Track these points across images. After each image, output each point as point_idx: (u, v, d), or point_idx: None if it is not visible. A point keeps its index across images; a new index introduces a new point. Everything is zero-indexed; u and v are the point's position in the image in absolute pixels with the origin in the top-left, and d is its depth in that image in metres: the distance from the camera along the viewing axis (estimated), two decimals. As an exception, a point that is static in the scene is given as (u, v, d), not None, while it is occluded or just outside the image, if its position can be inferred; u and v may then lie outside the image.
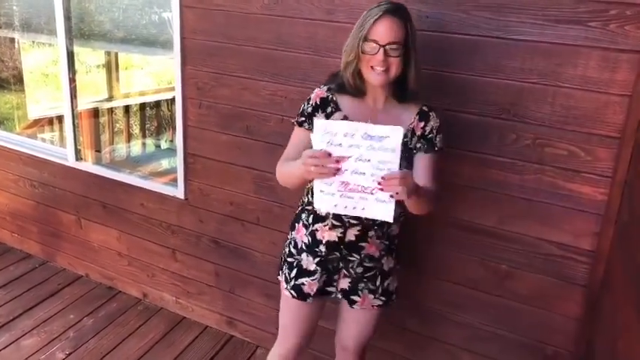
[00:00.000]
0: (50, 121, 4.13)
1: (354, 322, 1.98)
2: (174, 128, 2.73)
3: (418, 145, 1.74)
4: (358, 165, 1.48)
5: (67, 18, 2.84)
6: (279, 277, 1.96)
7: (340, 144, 1.47)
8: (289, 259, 1.90)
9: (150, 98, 4.88)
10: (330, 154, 1.49)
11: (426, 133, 1.73)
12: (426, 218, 2.16)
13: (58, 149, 3.26)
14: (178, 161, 2.73)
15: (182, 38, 2.51)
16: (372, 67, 1.63)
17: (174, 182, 2.82)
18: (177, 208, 2.84)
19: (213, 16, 2.41)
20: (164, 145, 4.83)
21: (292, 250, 1.89)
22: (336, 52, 1.88)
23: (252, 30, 2.33)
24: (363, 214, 1.56)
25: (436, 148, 1.75)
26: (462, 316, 2.24)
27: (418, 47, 1.67)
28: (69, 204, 3.25)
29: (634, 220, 1.56)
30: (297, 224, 1.90)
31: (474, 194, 2.08)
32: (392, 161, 1.46)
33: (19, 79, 3.85)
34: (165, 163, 3.99)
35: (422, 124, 1.74)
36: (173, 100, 2.71)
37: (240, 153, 2.53)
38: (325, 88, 1.77)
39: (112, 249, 3.18)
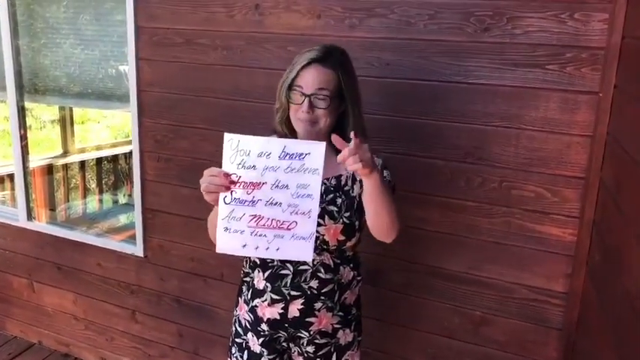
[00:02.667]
0: (1, 180, 3.96)
1: None
2: (132, 182, 2.64)
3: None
4: (274, 194, 1.29)
5: (18, 73, 2.75)
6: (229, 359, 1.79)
7: (254, 166, 1.29)
8: (237, 340, 1.73)
9: (107, 152, 4.77)
10: (228, 176, 1.31)
11: None
12: (397, 266, 2.13)
13: (8, 209, 3.12)
14: (136, 217, 2.62)
15: (139, 91, 2.45)
16: (299, 118, 1.50)
17: (132, 239, 2.70)
18: (136, 267, 2.71)
19: (170, 68, 2.37)
20: (122, 200, 4.70)
21: (239, 329, 1.72)
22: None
23: (211, 81, 2.29)
24: (277, 256, 1.38)
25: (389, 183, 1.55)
26: (438, 367, 2.17)
27: (358, 95, 1.54)
28: (20, 267, 3.07)
29: (606, 260, 1.54)
30: (239, 299, 1.74)
31: (443, 240, 2.04)
32: (312, 185, 1.29)
33: (-33, 138, 3.71)
34: (123, 219, 3.86)
35: None
36: (131, 153, 2.63)
37: (201, 206, 2.39)
38: None
39: (68, 313, 3.00)
